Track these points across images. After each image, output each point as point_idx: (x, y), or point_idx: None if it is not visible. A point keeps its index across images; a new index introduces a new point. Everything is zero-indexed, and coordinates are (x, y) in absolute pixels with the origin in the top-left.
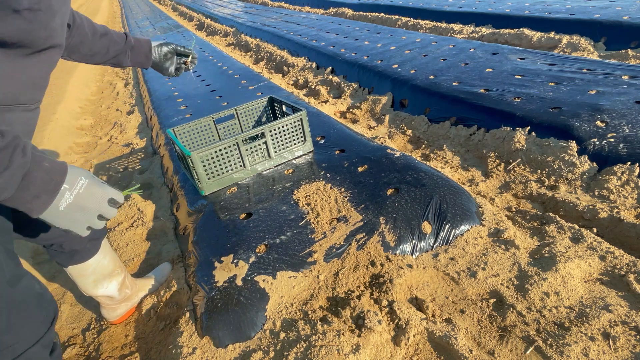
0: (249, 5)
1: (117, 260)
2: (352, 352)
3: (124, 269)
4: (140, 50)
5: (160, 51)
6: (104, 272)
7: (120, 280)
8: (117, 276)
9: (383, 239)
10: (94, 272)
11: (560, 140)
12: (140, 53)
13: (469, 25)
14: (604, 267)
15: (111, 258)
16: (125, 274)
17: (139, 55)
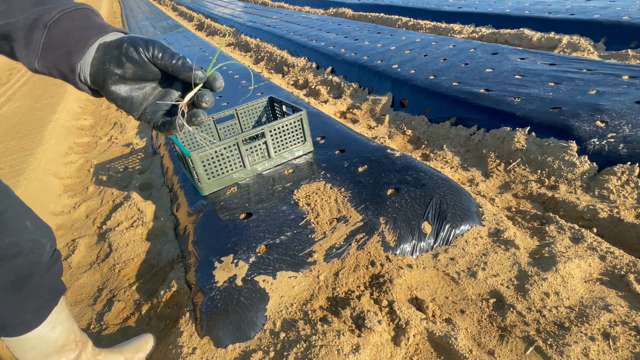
0: (249, 5)
1: (73, 332)
2: (352, 352)
3: (84, 341)
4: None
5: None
6: (48, 349)
7: (72, 357)
8: (68, 352)
9: (383, 239)
10: (34, 348)
11: (560, 140)
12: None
13: (469, 25)
14: (604, 267)
15: (64, 329)
16: (82, 349)
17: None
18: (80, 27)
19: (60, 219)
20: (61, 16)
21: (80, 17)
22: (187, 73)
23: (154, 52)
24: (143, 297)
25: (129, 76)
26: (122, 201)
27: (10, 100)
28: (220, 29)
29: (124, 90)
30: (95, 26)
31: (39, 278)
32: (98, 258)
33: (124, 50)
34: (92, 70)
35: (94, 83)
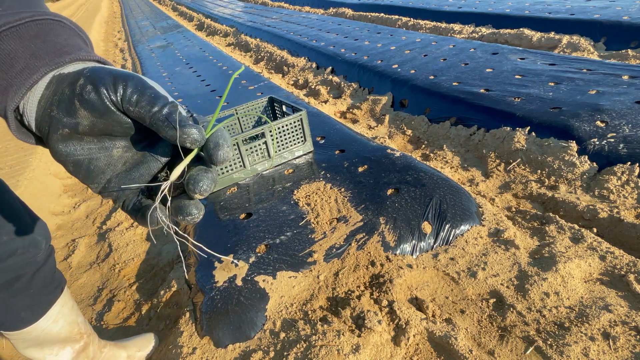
0: (249, 5)
1: (77, 325)
2: (352, 352)
3: (89, 333)
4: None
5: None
6: (51, 340)
7: (78, 347)
8: (73, 343)
9: (383, 239)
10: (36, 340)
11: (560, 140)
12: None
13: (469, 25)
14: (604, 267)
15: (67, 323)
16: (89, 341)
17: None
18: (29, 51)
19: (60, 219)
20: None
21: (35, 33)
22: (172, 131)
23: (126, 94)
24: (143, 297)
25: (84, 130)
26: None
27: None
28: (220, 29)
29: (77, 150)
30: (53, 49)
31: (31, 276)
32: (98, 258)
33: (77, 88)
34: (38, 113)
35: (39, 132)
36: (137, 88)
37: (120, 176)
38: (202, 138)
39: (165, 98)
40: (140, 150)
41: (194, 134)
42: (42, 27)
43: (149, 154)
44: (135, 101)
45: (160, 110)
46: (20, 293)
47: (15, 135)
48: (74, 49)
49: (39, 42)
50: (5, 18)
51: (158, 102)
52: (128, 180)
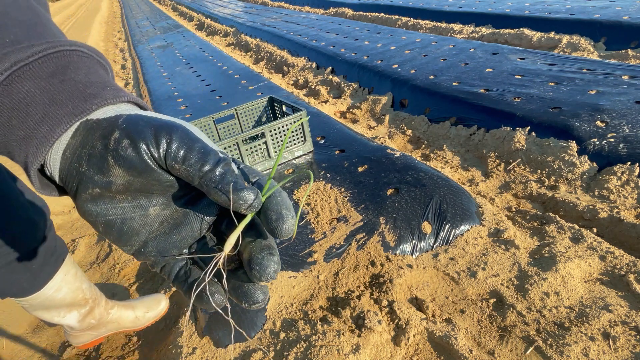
0: (249, 5)
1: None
2: (352, 352)
3: (94, 297)
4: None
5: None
6: (56, 305)
7: (84, 312)
8: (79, 307)
9: (383, 239)
10: (42, 304)
11: (560, 140)
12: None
13: (469, 25)
14: (604, 267)
15: (70, 290)
16: (95, 305)
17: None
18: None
19: (60, 219)
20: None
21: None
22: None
23: (170, 150)
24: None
25: (118, 189)
26: None
27: None
28: (220, 29)
29: (109, 210)
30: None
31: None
32: (98, 258)
33: (112, 143)
34: (63, 165)
35: (64, 185)
36: (184, 142)
37: (158, 239)
38: (259, 204)
39: (216, 153)
40: (180, 207)
41: (250, 199)
42: (59, 61)
43: (191, 213)
44: (182, 158)
45: (212, 170)
46: (21, 269)
47: (38, 191)
48: (99, 87)
49: (56, 82)
50: (15, 55)
51: (209, 160)
52: (168, 244)
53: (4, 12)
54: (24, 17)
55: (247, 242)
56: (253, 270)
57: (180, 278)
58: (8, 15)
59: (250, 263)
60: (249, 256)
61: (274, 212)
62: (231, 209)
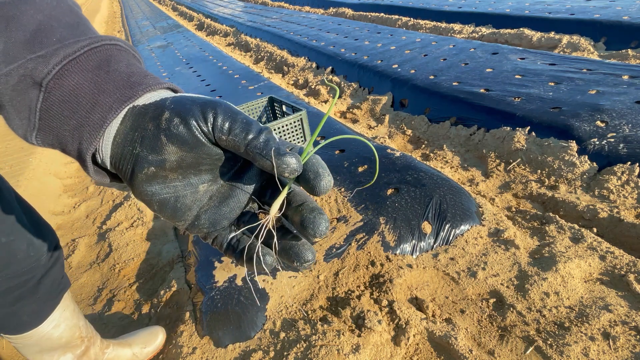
0: (249, 5)
1: (78, 328)
2: (352, 352)
3: (90, 336)
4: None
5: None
6: (52, 345)
7: (79, 352)
8: (74, 348)
9: (383, 239)
10: (37, 344)
11: (560, 140)
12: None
13: (469, 25)
14: (604, 267)
15: (68, 327)
16: (90, 344)
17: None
18: (95, 85)
19: (60, 219)
20: (63, 67)
21: (97, 63)
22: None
23: (217, 123)
24: (143, 297)
25: (172, 166)
26: (122, 201)
27: None
28: (220, 29)
29: (162, 189)
30: (120, 81)
31: (38, 281)
32: (98, 258)
33: (163, 123)
34: (115, 151)
35: (117, 170)
36: (228, 115)
37: (209, 212)
38: (300, 167)
39: (257, 124)
40: (226, 182)
41: (293, 163)
42: (102, 54)
43: (237, 186)
44: (227, 129)
45: (256, 138)
46: (25, 298)
47: (93, 177)
48: (140, 76)
49: (102, 74)
50: (64, 50)
51: (252, 129)
52: (218, 216)
53: (50, 15)
54: (67, 19)
55: (294, 207)
56: (307, 228)
57: (231, 248)
58: (54, 18)
59: (303, 222)
60: (301, 217)
61: (312, 171)
62: (275, 173)
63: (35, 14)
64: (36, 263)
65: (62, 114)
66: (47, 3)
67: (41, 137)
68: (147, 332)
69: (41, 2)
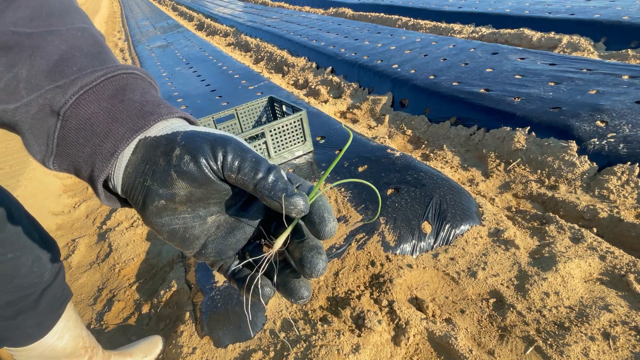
0: (249, 5)
1: (82, 338)
2: (352, 352)
3: (93, 346)
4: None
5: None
6: (57, 356)
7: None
8: (77, 358)
9: (383, 239)
10: (41, 356)
11: (560, 140)
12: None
13: (469, 25)
14: (604, 267)
15: (72, 337)
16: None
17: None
18: (109, 114)
19: (60, 219)
20: (80, 97)
21: (112, 93)
22: (277, 202)
23: (226, 162)
24: (143, 297)
25: (181, 200)
26: None
27: None
28: (220, 29)
29: (172, 220)
30: (133, 110)
31: (39, 295)
32: (98, 258)
33: (174, 159)
34: (126, 180)
35: (128, 198)
36: (237, 153)
37: (216, 242)
38: (307, 209)
39: (267, 162)
40: (233, 215)
41: (300, 205)
42: (118, 83)
43: (244, 217)
44: (237, 168)
45: (265, 178)
46: (27, 311)
47: (104, 203)
48: (154, 105)
49: (117, 103)
50: (81, 80)
51: (261, 168)
52: (224, 246)
53: (74, 45)
54: (90, 49)
55: (295, 243)
56: (304, 267)
57: (234, 274)
58: (77, 48)
59: (301, 261)
60: (300, 255)
61: (317, 215)
62: (283, 213)
63: (60, 44)
64: (39, 279)
65: (78, 142)
66: (73, 34)
67: (58, 162)
68: (147, 342)
69: (67, 33)
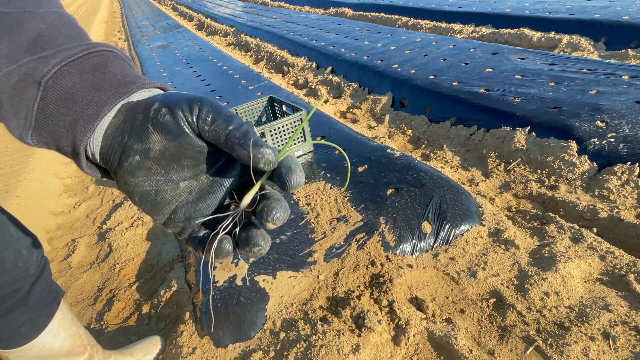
0: (249, 5)
1: (79, 336)
2: (352, 352)
3: (92, 344)
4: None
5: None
6: (55, 355)
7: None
8: (77, 356)
9: (383, 239)
10: (38, 356)
11: (560, 140)
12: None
13: (469, 25)
14: (604, 267)
15: (69, 335)
16: (93, 352)
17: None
18: (91, 84)
19: (60, 219)
20: (62, 68)
21: (93, 66)
22: (246, 151)
23: (201, 114)
24: (143, 297)
25: (155, 155)
26: (122, 201)
27: None
28: (220, 29)
29: (145, 181)
30: (115, 82)
31: (27, 290)
32: (98, 258)
33: (152, 113)
34: (105, 142)
35: (104, 162)
36: (212, 108)
37: (186, 207)
38: (276, 160)
39: (240, 118)
40: (206, 179)
41: (269, 154)
42: (99, 59)
43: (215, 183)
44: (211, 120)
45: (237, 129)
46: (17, 308)
47: (85, 171)
48: (135, 77)
49: (99, 75)
50: (62, 54)
51: (234, 121)
52: (194, 211)
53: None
54: (67, 29)
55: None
56: (262, 212)
57: (198, 241)
58: (56, 28)
59: (260, 209)
60: (262, 205)
61: (284, 166)
62: (251, 164)
63: (38, 23)
64: (25, 273)
65: (59, 112)
66: (50, 15)
67: (36, 135)
68: (147, 342)
69: (44, 14)
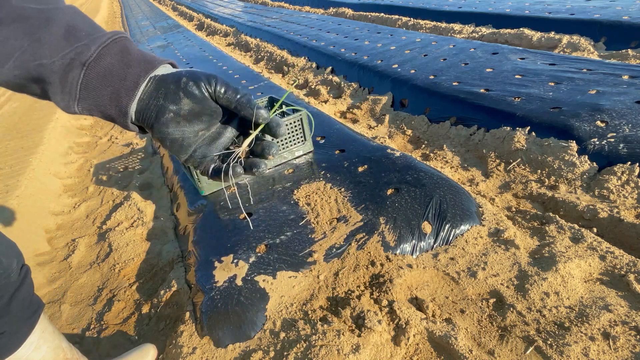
0: (249, 5)
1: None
2: (352, 352)
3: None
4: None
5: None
6: None
7: None
8: None
9: (383, 239)
10: None
11: (560, 140)
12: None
13: (469, 25)
14: (604, 267)
15: (50, 348)
16: None
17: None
18: (122, 63)
19: (60, 219)
20: (100, 52)
21: (119, 49)
22: (250, 111)
23: (217, 87)
24: (143, 297)
25: (184, 113)
26: (122, 201)
27: (10, 100)
28: (220, 29)
29: (176, 130)
30: (139, 60)
31: (8, 299)
32: (98, 258)
33: (182, 84)
34: (140, 106)
35: (140, 120)
36: (224, 83)
37: (202, 148)
38: (268, 117)
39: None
40: (215, 130)
41: (264, 113)
42: (121, 43)
43: (223, 131)
44: (224, 90)
45: (243, 97)
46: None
47: (129, 128)
48: (151, 56)
49: (126, 55)
50: (95, 43)
51: (240, 92)
52: (207, 151)
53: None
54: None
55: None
56: (264, 150)
57: (215, 171)
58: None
59: (262, 147)
60: (262, 146)
61: (274, 122)
62: (253, 120)
63: (64, 17)
64: (7, 280)
65: (99, 85)
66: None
67: (82, 104)
68: (138, 351)
69: (66, 9)
